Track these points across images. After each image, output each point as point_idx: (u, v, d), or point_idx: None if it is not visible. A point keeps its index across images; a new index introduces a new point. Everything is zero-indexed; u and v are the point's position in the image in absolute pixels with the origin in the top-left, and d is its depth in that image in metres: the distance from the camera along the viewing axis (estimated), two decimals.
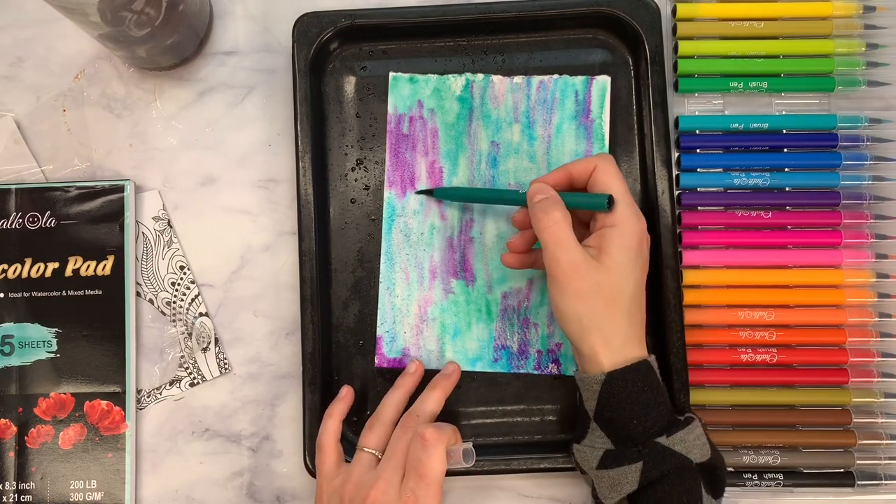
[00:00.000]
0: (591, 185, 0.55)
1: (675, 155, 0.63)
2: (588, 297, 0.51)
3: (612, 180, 0.54)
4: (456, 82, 0.63)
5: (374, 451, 0.56)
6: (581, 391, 0.53)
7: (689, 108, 0.64)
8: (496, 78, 0.63)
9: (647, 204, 0.62)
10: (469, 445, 0.55)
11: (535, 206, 0.54)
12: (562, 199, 0.54)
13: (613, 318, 0.52)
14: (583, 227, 0.57)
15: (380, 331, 0.62)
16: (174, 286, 0.64)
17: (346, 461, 0.57)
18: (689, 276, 0.61)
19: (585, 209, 0.55)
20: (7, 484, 0.61)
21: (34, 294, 0.63)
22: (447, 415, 0.60)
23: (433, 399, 0.58)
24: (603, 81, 0.63)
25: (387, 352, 0.62)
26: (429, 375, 0.61)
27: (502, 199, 0.60)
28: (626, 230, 0.52)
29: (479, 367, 0.61)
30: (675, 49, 0.64)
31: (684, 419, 0.52)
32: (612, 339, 0.52)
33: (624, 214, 0.53)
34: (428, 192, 0.62)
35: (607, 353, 0.51)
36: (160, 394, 0.63)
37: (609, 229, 0.53)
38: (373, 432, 0.57)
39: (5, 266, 0.63)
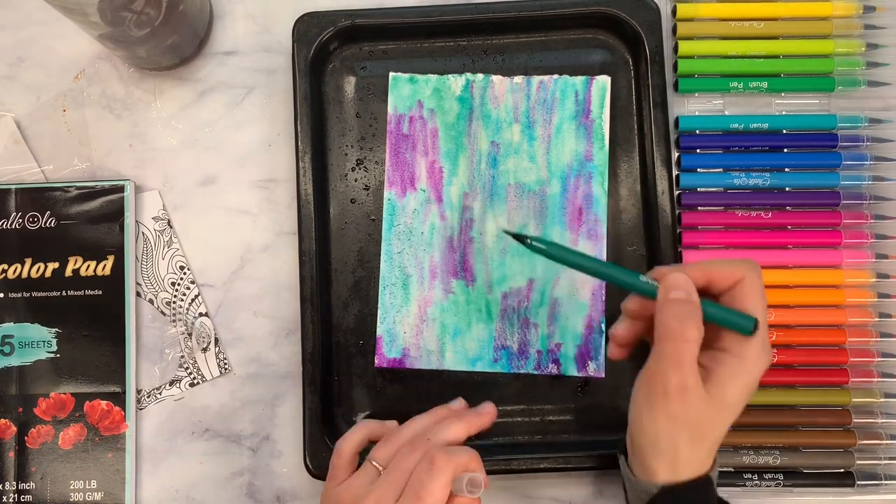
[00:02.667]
0: (732, 298, 0.48)
1: (675, 155, 0.63)
2: (679, 423, 0.46)
3: (758, 302, 0.47)
4: (456, 82, 0.63)
5: (379, 466, 0.52)
6: (626, 487, 0.50)
7: (689, 108, 0.64)
8: (496, 78, 0.63)
9: (647, 204, 0.62)
10: (479, 476, 0.50)
11: (669, 306, 0.47)
12: (701, 309, 0.47)
13: (696, 450, 0.47)
14: None
15: (380, 331, 0.62)
16: (174, 286, 0.64)
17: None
18: None
19: (724, 326, 0.47)
20: (7, 484, 0.61)
21: (34, 294, 0.63)
22: None
23: (454, 429, 0.53)
24: (603, 81, 0.63)
25: (387, 352, 0.62)
26: (430, 374, 0.61)
27: (617, 280, 0.51)
28: (751, 368, 0.46)
29: (479, 367, 0.61)
30: (675, 49, 0.64)
31: None
32: (684, 465, 0.47)
33: (756, 350, 0.47)
34: (521, 239, 0.52)
35: (670, 472, 0.47)
36: (160, 394, 0.63)
37: (731, 358, 0.46)
38: (385, 447, 0.53)
39: (5, 266, 0.63)
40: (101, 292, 0.63)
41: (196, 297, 0.64)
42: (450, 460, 0.49)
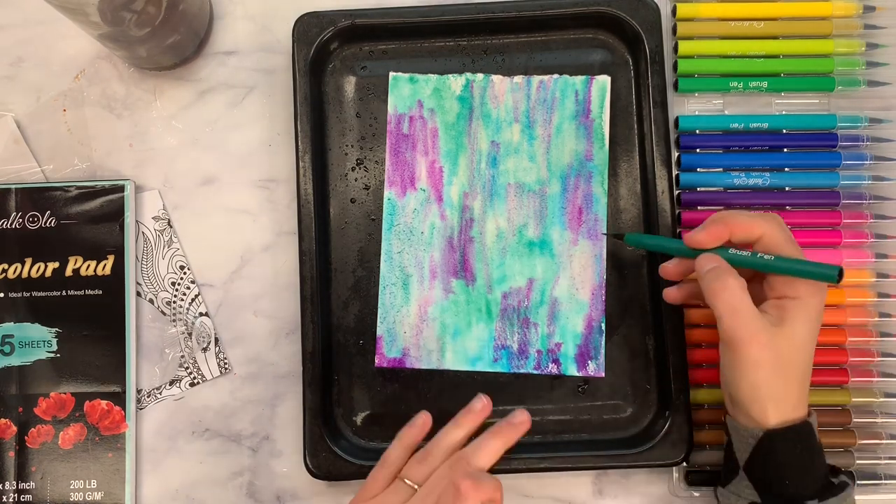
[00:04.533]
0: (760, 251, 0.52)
1: (675, 155, 0.63)
2: (766, 366, 0.49)
3: (790, 249, 0.51)
4: (456, 82, 0.63)
5: (413, 485, 0.51)
6: (731, 437, 0.52)
7: (689, 107, 0.64)
8: (496, 78, 0.63)
9: (647, 204, 0.62)
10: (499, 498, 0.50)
11: (706, 276, 0.51)
12: (733, 268, 0.51)
13: (789, 387, 0.50)
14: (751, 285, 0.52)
15: (380, 331, 0.62)
16: (174, 286, 0.64)
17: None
18: None
19: (810, 278, 0.50)
20: (7, 484, 0.61)
21: (34, 294, 0.63)
22: (447, 417, 0.60)
23: (491, 450, 0.51)
24: (603, 81, 0.63)
25: (387, 352, 0.62)
26: (430, 374, 0.61)
27: (687, 253, 0.54)
28: (811, 303, 0.50)
29: (479, 367, 0.61)
30: (675, 49, 0.64)
31: (838, 483, 0.50)
32: (783, 404, 0.50)
33: (808, 289, 0.50)
34: (618, 237, 0.60)
35: (775, 413, 0.50)
36: (160, 394, 0.63)
37: (792, 302, 0.50)
38: (420, 465, 0.51)
39: (5, 266, 0.63)
40: (101, 292, 0.63)
41: (196, 296, 0.64)
42: (477, 489, 0.48)
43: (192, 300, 0.64)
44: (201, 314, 0.64)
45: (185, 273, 0.64)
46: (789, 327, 0.50)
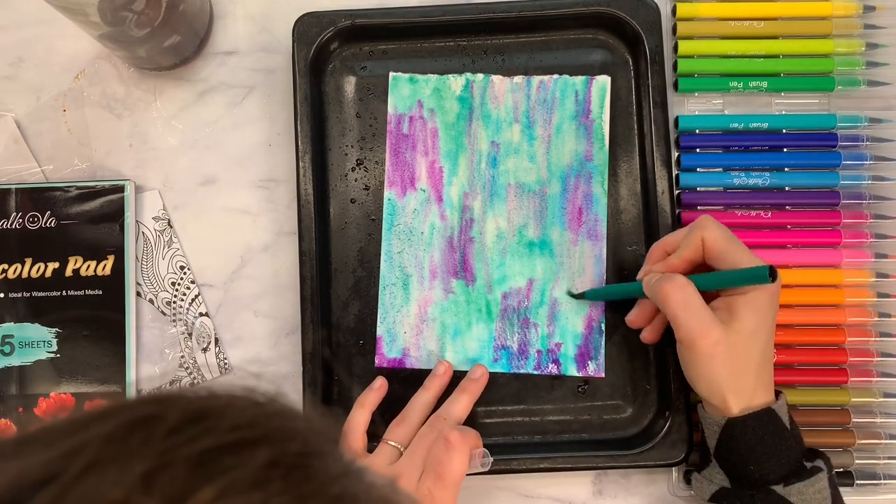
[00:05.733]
0: (712, 260, 0.53)
1: (675, 154, 0.63)
2: (719, 360, 0.50)
3: (735, 249, 0.52)
4: (456, 82, 0.63)
5: (398, 445, 0.56)
6: (703, 426, 0.54)
7: (689, 107, 0.64)
8: (496, 78, 0.63)
9: (647, 203, 0.62)
10: (486, 452, 0.54)
11: (654, 284, 0.53)
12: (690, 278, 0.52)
13: (745, 377, 0.51)
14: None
15: (380, 331, 0.62)
16: (174, 286, 0.64)
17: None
18: None
19: (743, 285, 0.51)
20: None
21: (34, 294, 0.63)
22: None
23: (462, 404, 0.58)
24: (603, 81, 0.63)
25: (387, 352, 0.62)
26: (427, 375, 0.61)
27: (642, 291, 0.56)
28: (758, 296, 0.51)
29: None
30: (675, 49, 0.64)
31: (810, 468, 0.51)
32: (742, 394, 0.51)
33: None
34: (579, 296, 0.61)
35: (735, 402, 0.51)
36: None
37: (740, 297, 0.51)
38: (399, 428, 0.56)
39: (5, 266, 0.63)
40: (101, 292, 0.63)
41: (196, 296, 0.64)
42: (464, 440, 0.53)
43: (192, 300, 0.64)
44: (201, 314, 0.64)
45: (185, 273, 0.64)
46: (738, 321, 0.51)
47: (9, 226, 0.63)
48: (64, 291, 0.63)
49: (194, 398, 0.26)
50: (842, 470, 0.60)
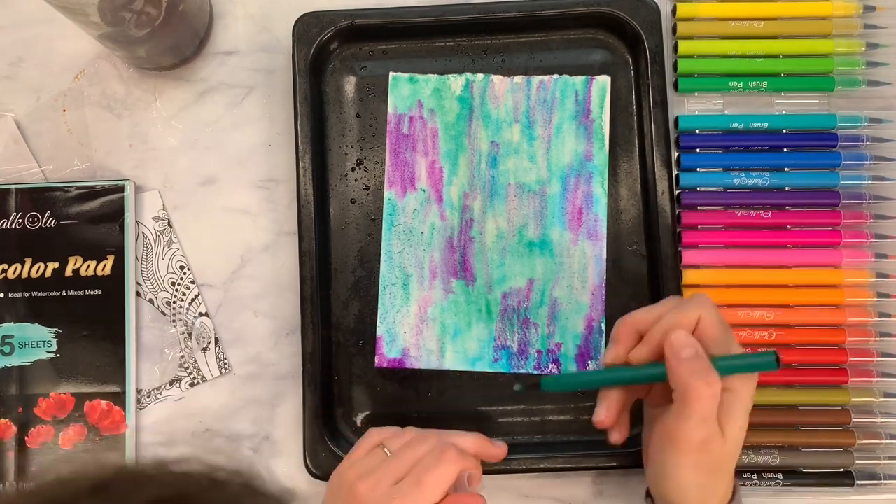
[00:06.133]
0: (705, 342, 0.49)
1: (675, 154, 0.63)
2: (702, 468, 0.49)
3: (729, 336, 0.49)
4: (456, 82, 0.63)
5: (389, 451, 0.53)
6: None
7: (689, 107, 0.64)
8: (496, 78, 0.63)
9: (647, 204, 0.62)
10: (477, 473, 0.53)
11: (684, 365, 0.47)
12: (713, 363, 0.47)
13: (718, 485, 0.50)
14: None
15: (380, 331, 0.62)
16: (174, 286, 0.64)
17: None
18: (688, 276, 0.61)
19: (748, 372, 0.48)
20: (7, 484, 0.61)
21: (34, 294, 0.63)
22: (447, 417, 0.60)
23: (468, 440, 0.54)
24: (603, 81, 0.63)
25: (387, 352, 0.62)
26: (430, 374, 0.61)
27: (622, 380, 0.52)
28: (745, 394, 0.48)
29: (479, 367, 0.61)
30: (675, 49, 0.64)
31: None
32: (712, 500, 0.50)
33: (742, 381, 0.48)
34: (534, 386, 0.54)
35: None
36: (160, 394, 0.63)
37: (728, 395, 0.48)
38: (399, 437, 0.54)
39: (5, 266, 0.63)
40: (101, 292, 0.63)
41: (196, 296, 0.64)
42: (460, 460, 0.51)
43: (192, 300, 0.64)
44: (201, 314, 0.64)
45: (184, 273, 0.64)
46: (729, 426, 0.48)
47: (9, 226, 0.63)
48: (64, 291, 0.63)
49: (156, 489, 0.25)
50: (842, 470, 0.60)
